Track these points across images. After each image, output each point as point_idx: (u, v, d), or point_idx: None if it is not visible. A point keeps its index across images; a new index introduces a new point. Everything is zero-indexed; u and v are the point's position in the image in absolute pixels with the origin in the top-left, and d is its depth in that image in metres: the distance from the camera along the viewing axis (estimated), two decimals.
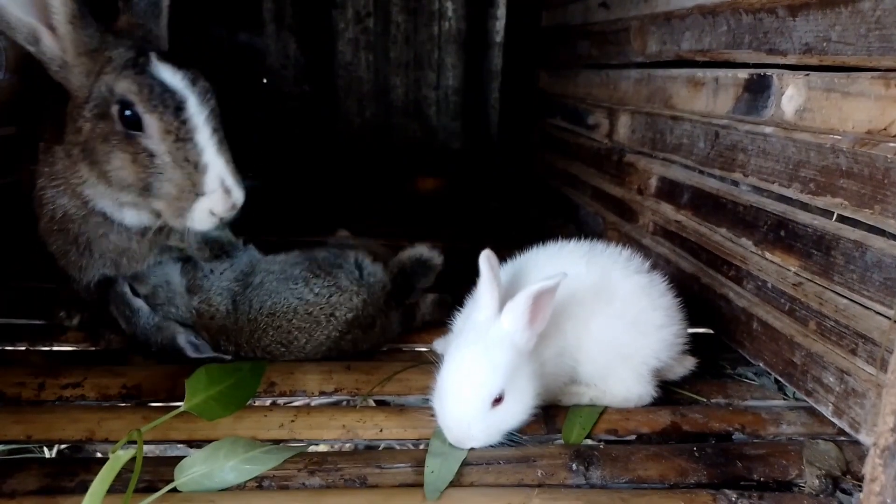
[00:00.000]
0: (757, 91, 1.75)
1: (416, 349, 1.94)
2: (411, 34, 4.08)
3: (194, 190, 1.43)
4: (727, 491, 1.29)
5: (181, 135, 1.41)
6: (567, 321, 1.48)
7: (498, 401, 1.34)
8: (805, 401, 1.56)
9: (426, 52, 4.12)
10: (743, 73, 1.80)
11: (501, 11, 4.03)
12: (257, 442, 1.37)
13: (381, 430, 1.47)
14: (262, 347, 1.73)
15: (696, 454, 1.39)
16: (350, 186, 3.85)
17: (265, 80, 3.99)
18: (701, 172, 2.06)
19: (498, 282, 1.39)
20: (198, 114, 1.43)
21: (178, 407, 1.41)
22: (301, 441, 1.45)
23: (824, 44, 1.48)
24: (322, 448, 1.53)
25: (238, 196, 1.46)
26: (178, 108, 1.40)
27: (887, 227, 1.34)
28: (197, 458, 1.29)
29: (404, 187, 3.87)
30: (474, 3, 4.04)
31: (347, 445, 1.51)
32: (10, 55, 2.25)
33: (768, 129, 1.70)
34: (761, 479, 1.35)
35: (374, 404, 1.64)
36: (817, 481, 1.33)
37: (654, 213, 2.36)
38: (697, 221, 2.08)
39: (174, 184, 1.43)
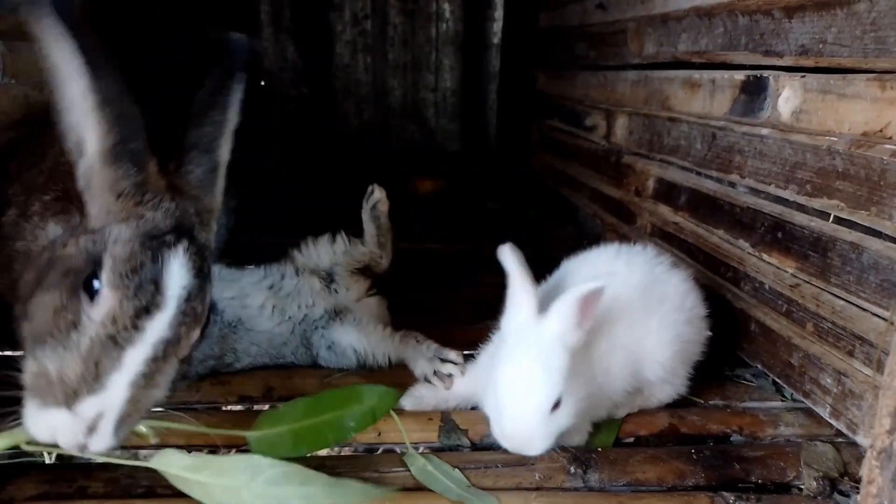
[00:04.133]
0: (753, 93, 1.75)
1: None
2: (409, 36, 4.09)
3: (67, 397, 1.03)
4: (725, 493, 1.29)
5: (120, 336, 1.05)
6: (617, 323, 1.43)
7: (556, 406, 1.27)
8: (803, 402, 1.57)
9: (424, 53, 4.13)
10: (739, 75, 1.80)
11: (499, 13, 4.04)
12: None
13: (380, 434, 1.47)
14: None
15: (694, 456, 1.39)
16: (348, 188, 3.84)
17: (262, 83, 3.99)
18: (698, 174, 2.06)
19: (529, 276, 1.33)
20: (158, 330, 1.08)
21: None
22: None
23: (820, 45, 1.49)
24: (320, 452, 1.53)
25: (96, 446, 1.04)
26: (146, 309, 1.07)
27: (883, 229, 1.34)
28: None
29: (403, 189, 3.87)
30: (472, 4, 4.04)
31: (346, 449, 1.50)
32: (9, 61, 2.26)
33: (765, 131, 1.70)
34: (759, 481, 1.35)
35: None
36: (815, 483, 1.33)
37: (652, 214, 2.36)
38: (695, 223, 2.08)
39: (60, 372, 1.04)
